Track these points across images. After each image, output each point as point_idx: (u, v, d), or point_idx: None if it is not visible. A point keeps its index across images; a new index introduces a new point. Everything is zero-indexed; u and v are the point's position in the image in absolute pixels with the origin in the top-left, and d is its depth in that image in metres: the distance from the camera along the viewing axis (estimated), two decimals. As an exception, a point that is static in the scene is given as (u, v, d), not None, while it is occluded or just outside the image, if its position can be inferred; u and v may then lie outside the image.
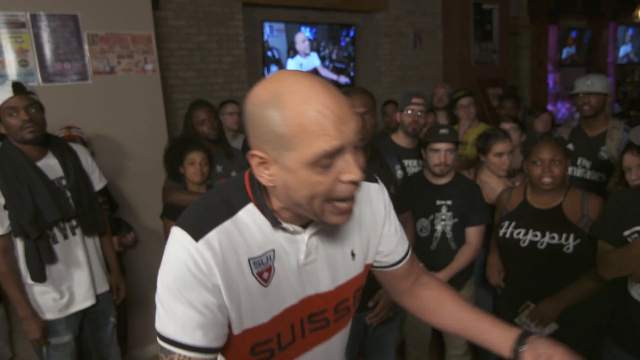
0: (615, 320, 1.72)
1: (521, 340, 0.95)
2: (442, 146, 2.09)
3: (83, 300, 2.04)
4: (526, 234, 1.91)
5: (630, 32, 8.53)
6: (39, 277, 1.90)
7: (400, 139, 2.56)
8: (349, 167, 0.76)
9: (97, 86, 2.66)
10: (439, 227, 2.14)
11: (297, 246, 0.89)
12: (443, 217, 2.14)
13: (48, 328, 1.95)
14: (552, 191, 1.91)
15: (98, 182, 2.19)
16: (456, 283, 2.19)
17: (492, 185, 2.37)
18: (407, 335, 2.36)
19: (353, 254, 0.98)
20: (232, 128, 3.25)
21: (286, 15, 4.50)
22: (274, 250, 0.86)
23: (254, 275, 0.85)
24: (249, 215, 0.85)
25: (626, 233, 1.62)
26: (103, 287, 2.16)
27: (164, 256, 0.82)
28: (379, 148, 2.02)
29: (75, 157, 2.05)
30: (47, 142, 1.98)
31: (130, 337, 2.94)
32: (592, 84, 2.61)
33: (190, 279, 0.79)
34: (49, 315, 1.96)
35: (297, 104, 0.73)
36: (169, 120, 3.12)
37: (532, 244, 1.88)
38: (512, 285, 2.00)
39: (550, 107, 6.69)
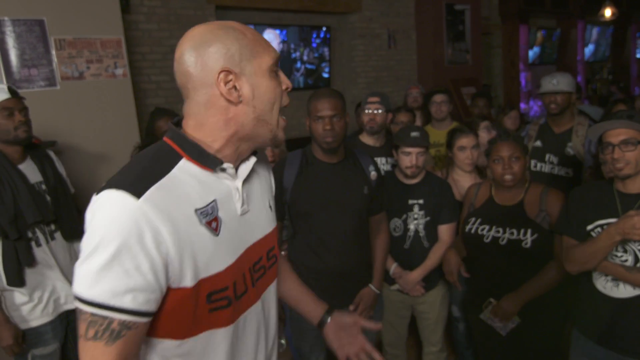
0: (581, 312, 1.77)
1: (327, 314, 1.21)
2: (412, 150, 2.12)
3: (66, 302, 2.04)
4: (489, 230, 1.96)
5: (597, 30, 8.79)
6: (17, 281, 1.86)
7: (366, 138, 2.61)
8: (284, 78, 0.95)
9: (66, 92, 2.61)
10: (411, 226, 2.17)
11: (233, 196, 0.93)
12: (415, 216, 2.17)
13: (24, 335, 1.93)
14: (514, 188, 1.96)
15: (71, 188, 2.23)
16: (430, 281, 2.22)
17: (463, 183, 2.41)
18: (383, 334, 2.38)
19: (270, 207, 1.10)
20: None
21: (259, 18, 4.49)
22: (215, 201, 0.89)
23: (203, 225, 0.86)
24: (183, 170, 0.87)
25: (589, 227, 1.67)
26: None
27: (93, 221, 0.78)
28: (352, 149, 2.04)
29: (52, 163, 2.10)
30: (26, 147, 2.02)
31: None
32: (558, 82, 2.68)
33: (128, 240, 0.77)
34: (35, 322, 1.95)
35: (242, 26, 0.91)
36: (142, 125, 3.08)
37: (495, 239, 1.94)
38: (477, 280, 2.04)
39: (522, 105, 6.84)
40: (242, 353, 0.99)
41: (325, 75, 5.00)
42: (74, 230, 2.09)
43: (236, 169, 0.94)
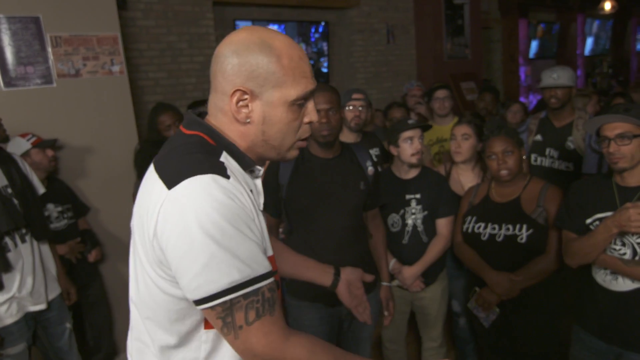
0: (581, 306, 1.77)
1: (337, 273, 1.34)
2: (414, 133, 2.11)
3: (33, 304, 2.03)
4: (485, 227, 1.96)
5: (597, 23, 8.75)
6: None
7: (345, 136, 2.54)
8: (312, 110, 0.93)
9: (62, 89, 2.60)
10: (409, 221, 2.17)
11: (257, 192, 0.97)
12: (413, 210, 2.16)
13: (4, 337, 1.93)
14: (513, 183, 1.95)
15: (40, 189, 2.19)
16: (429, 276, 2.22)
17: (463, 178, 2.38)
18: (383, 330, 2.38)
19: None
20: None
21: (258, 14, 4.47)
22: (252, 192, 0.92)
23: (258, 210, 0.92)
24: (227, 161, 0.88)
25: (588, 221, 1.66)
26: (54, 292, 2.16)
27: (193, 214, 0.76)
28: (349, 144, 2.03)
29: (17, 165, 2.05)
30: None
31: (118, 341, 2.91)
32: (558, 77, 2.66)
33: (240, 213, 0.80)
34: (7, 320, 1.95)
35: (285, 48, 0.87)
36: (139, 122, 3.07)
37: (491, 237, 1.94)
38: (476, 278, 2.03)
39: (522, 99, 6.82)
40: None
41: (324, 70, 4.98)
42: (45, 231, 2.10)
43: None
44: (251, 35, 0.87)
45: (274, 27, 4.53)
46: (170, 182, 0.79)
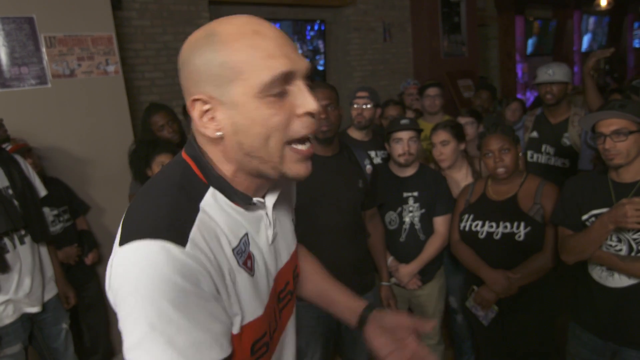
0: (578, 303, 1.77)
1: (365, 313, 0.98)
2: (404, 135, 2.11)
3: (30, 306, 2.03)
4: (483, 225, 1.96)
5: (593, 20, 8.75)
6: None
7: (354, 133, 2.63)
8: (303, 97, 0.70)
9: (57, 90, 2.59)
10: (407, 219, 2.16)
11: (262, 223, 0.79)
12: (410, 208, 2.16)
13: (0, 337, 1.93)
14: (510, 180, 1.95)
15: (41, 191, 2.19)
16: (426, 274, 2.22)
17: (455, 177, 2.38)
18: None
19: (292, 220, 0.97)
20: None
21: (254, 12, 4.43)
22: (247, 235, 0.76)
23: (241, 267, 0.73)
24: (213, 200, 0.72)
25: (584, 217, 1.66)
26: (50, 293, 2.15)
27: (133, 284, 0.62)
28: (347, 143, 2.03)
29: (19, 167, 2.05)
30: None
31: (115, 343, 2.90)
32: (554, 73, 2.67)
33: (191, 293, 0.63)
34: (3, 321, 1.94)
35: (234, 30, 0.67)
36: (135, 122, 3.06)
37: (489, 235, 1.93)
38: (474, 275, 2.03)
39: (519, 97, 6.83)
40: None
41: (320, 68, 4.98)
42: (43, 233, 2.09)
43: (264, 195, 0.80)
44: (199, 31, 0.70)
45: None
46: (122, 236, 0.66)
